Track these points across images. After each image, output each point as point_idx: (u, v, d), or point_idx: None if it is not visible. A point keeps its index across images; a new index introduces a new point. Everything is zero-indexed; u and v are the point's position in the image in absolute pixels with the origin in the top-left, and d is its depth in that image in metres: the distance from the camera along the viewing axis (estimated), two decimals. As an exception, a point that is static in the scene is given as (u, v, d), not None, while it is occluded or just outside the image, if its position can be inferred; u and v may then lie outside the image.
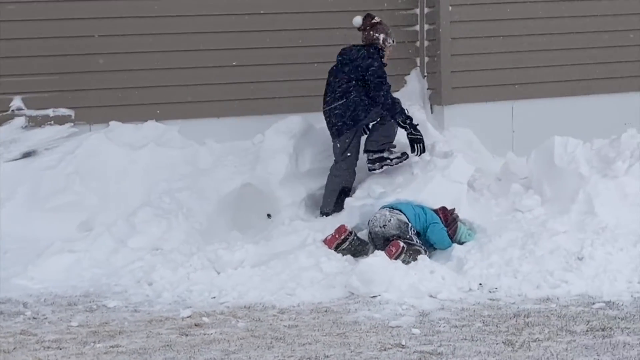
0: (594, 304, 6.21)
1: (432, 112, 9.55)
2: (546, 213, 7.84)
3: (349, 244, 7.26)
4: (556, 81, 9.56)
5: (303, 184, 7.87)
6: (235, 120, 9.13)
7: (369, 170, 8.07)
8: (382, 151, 8.02)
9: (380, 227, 7.32)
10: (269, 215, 7.87)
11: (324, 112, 8.20)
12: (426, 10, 9.63)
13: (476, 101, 9.35)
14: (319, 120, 8.66)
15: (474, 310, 6.17)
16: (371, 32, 8.25)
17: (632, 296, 6.33)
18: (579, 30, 9.62)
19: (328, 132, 8.32)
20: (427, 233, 7.36)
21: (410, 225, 7.27)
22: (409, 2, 9.70)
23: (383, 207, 7.44)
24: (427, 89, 9.64)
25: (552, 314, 6.03)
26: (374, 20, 8.29)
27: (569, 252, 6.89)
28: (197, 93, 9.10)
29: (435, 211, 7.56)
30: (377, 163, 8.00)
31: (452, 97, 9.31)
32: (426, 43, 9.68)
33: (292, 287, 6.66)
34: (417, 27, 9.76)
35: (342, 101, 8.03)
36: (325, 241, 7.27)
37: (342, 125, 8.01)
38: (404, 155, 8.06)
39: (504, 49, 9.44)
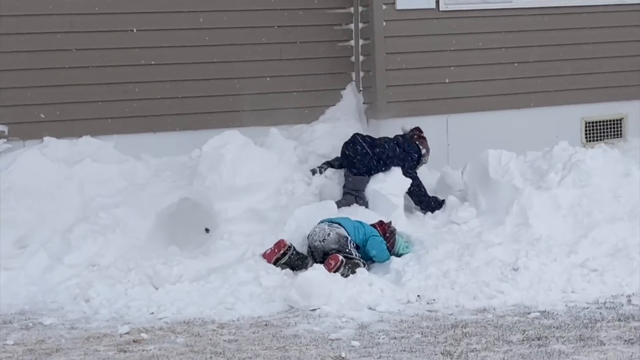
0: (529, 313, 6.29)
1: (368, 126, 9.62)
2: (482, 225, 7.97)
3: (288, 258, 7.27)
4: (489, 95, 9.70)
5: (242, 198, 7.82)
6: (172, 135, 9.10)
7: None
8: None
9: (320, 241, 7.34)
10: (207, 230, 7.84)
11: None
12: (361, 25, 9.70)
13: (412, 115, 9.41)
14: (256, 135, 8.69)
15: (413, 322, 6.21)
16: (417, 142, 8.69)
17: (566, 305, 6.44)
18: (511, 45, 9.77)
19: (263, 146, 8.40)
20: (367, 246, 7.40)
21: (349, 238, 7.31)
22: (344, 17, 9.77)
23: (322, 222, 7.47)
24: (363, 103, 9.72)
25: (489, 324, 6.10)
26: (422, 134, 8.76)
27: (505, 263, 6.99)
28: (132, 108, 9.05)
29: (373, 225, 7.61)
30: None
31: (387, 111, 9.38)
32: (361, 58, 9.75)
33: (231, 302, 6.64)
34: (352, 42, 9.83)
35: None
36: (264, 255, 7.27)
37: None
38: None
39: (438, 63, 9.54)
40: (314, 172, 8.38)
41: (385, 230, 7.56)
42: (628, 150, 9.66)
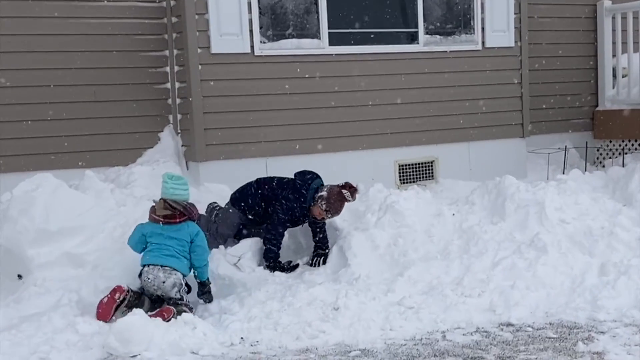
0: (350, 352, 6.33)
1: (187, 169, 9.55)
2: (303, 265, 8.05)
3: (128, 302, 7.01)
4: (307, 139, 9.85)
5: (56, 242, 7.52)
6: (-21, 179, 8.74)
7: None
8: None
9: (155, 288, 7.11)
10: (19, 276, 7.49)
11: None
12: (177, 68, 9.68)
13: (231, 158, 9.44)
14: (71, 177, 8.47)
15: (236, 365, 6.16)
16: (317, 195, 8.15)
17: (385, 343, 6.52)
18: (325, 90, 9.99)
19: (79, 189, 8.19)
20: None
21: (183, 285, 7.17)
22: (160, 60, 9.72)
23: (154, 264, 7.15)
24: (182, 145, 9.66)
25: (311, 364, 6.13)
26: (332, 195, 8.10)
27: (326, 302, 7.03)
28: None
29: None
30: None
31: (206, 154, 9.34)
32: (178, 101, 9.72)
33: (45, 351, 6.32)
34: (169, 85, 9.78)
35: None
36: (100, 309, 6.93)
37: None
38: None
39: (255, 107, 9.60)
40: None
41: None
42: (439, 191, 10.03)
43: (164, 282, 7.10)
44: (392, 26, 10.37)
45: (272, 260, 7.94)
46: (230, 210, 8.21)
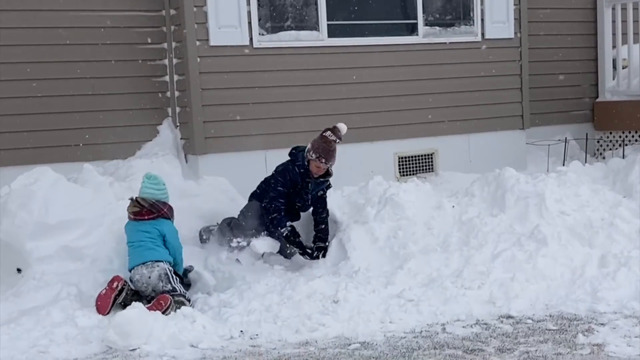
0: (350, 345, 6.33)
1: (187, 162, 9.53)
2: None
3: (125, 294, 7.11)
4: (306, 131, 9.75)
5: (55, 235, 7.51)
6: (-22, 172, 8.71)
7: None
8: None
9: (145, 285, 7.24)
10: (19, 270, 7.48)
11: None
12: (175, 61, 9.63)
13: (230, 151, 9.41)
14: (69, 171, 8.44)
15: (235, 358, 6.12)
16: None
17: (385, 335, 6.52)
18: (324, 82, 9.95)
19: (77, 182, 8.16)
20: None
21: (169, 274, 7.22)
22: (158, 52, 9.68)
23: (137, 264, 7.32)
24: (181, 138, 9.63)
25: (310, 357, 6.10)
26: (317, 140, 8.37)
27: (325, 295, 7.04)
28: None
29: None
30: None
31: (205, 146, 9.32)
32: (177, 93, 9.68)
33: (45, 344, 6.34)
34: (167, 78, 9.75)
35: None
36: (98, 301, 7.01)
37: None
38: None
39: (254, 99, 9.57)
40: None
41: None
42: (439, 183, 10.01)
43: (149, 277, 7.21)
44: (391, 18, 10.34)
45: (280, 228, 8.01)
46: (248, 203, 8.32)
